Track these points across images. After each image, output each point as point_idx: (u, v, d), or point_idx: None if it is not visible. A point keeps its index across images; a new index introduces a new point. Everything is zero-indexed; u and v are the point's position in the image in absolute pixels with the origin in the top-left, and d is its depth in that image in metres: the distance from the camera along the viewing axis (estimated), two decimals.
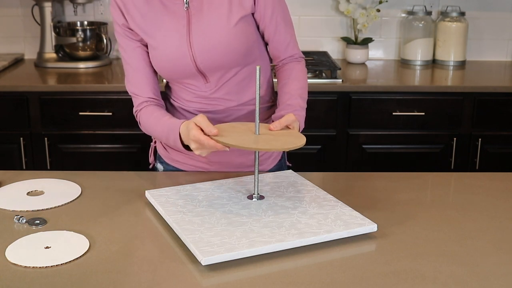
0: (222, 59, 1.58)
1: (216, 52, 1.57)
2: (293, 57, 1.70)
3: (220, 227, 1.29)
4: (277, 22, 1.64)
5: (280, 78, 1.69)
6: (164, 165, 1.78)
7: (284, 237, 1.25)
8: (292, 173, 1.60)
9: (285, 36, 1.67)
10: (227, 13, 1.56)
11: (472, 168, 2.86)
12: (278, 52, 1.69)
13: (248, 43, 1.60)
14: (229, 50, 1.57)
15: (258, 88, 1.36)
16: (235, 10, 1.57)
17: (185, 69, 1.59)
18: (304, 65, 1.72)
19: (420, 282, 1.13)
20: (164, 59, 1.59)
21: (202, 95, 1.64)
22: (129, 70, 1.64)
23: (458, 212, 1.44)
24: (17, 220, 1.37)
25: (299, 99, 1.61)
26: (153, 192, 1.47)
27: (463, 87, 2.83)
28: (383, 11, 3.22)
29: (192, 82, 1.63)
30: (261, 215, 1.35)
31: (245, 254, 1.20)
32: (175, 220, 1.32)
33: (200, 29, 1.56)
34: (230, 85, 1.63)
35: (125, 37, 1.62)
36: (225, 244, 1.22)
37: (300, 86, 1.65)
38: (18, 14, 3.24)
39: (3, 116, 2.75)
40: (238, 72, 1.62)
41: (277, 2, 1.63)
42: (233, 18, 1.56)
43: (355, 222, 1.32)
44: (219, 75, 1.61)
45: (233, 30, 1.56)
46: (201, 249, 1.19)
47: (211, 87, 1.63)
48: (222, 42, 1.56)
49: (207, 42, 1.56)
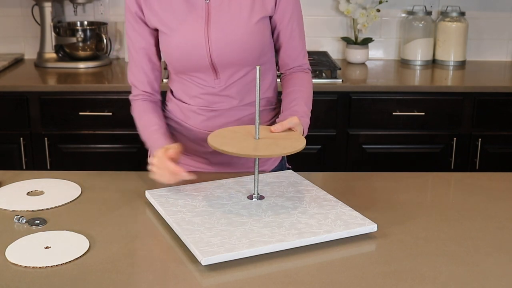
0: (237, 55, 1.58)
1: (233, 48, 1.57)
2: (301, 67, 1.71)
3: (220, 227, 1.29)
4: (293, 28, 1.65)
5: (287, 85, 1.69)
6: None
7: (284, 237, 1.25)
8: (292, 173, 1.60)
9: (298, 44, 1.68)
10: (249, 11, 1.58)
11: (472, 168, 2.86)
12: (288, 60, 1.70)
13: (264, 43, 1.62)
14: (246, 47, 1.58)
15: (258, 89, 1.36)
16: (257, 9, 1.58)
17: (198, 60, 1.59)
18: (311, 77, 1.73)
19: (420, 282, 1.13)
20: (179, 47, 1.58)
21: (209, 91, 1.63)
22: (131, 62, 1.67)
23: (458, 212, 1.44)
24: (17, 220, 1.37)
25: (305, 107, 1.62)
26: (153, 192, 1.47)
27: (463, 87, 2.83)
28: (383, 11, 3.22)
29: (201, 76, 1.62)
30: (261, 215, 1.35)
31: (245, 254, 1.20)
32: (175, 220, 1.32)
33: (220, 22, 1.57)
34: (239, 85, 1.63)
35: (134, 29, 1.62)
36: (225, 244, 1.22)
37: (306, 95, 1.66)
38: (18, 14, 3.24)
39: (3, 116, 2.75)
40: (249, 72, 1.62)
41: (296, 9, 1.66)
42: (255, 17, 1.58)
43: (355, 222, 1.32)
44: (231, 72, 1.61)
45: (253, 29, 1.57)
46: (201, 249, 1.19)
47: (220, 84, 1.62)
48: (241, 38, 1.57)
49: (225, 37, 1.57)
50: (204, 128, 1.66)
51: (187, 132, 1.69)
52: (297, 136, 1.44)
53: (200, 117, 1.66)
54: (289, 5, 1.63)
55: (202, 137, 1.66)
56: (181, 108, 1.69)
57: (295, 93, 1.64)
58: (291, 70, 1.71)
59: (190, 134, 1.69)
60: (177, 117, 1.70)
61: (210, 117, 1.65)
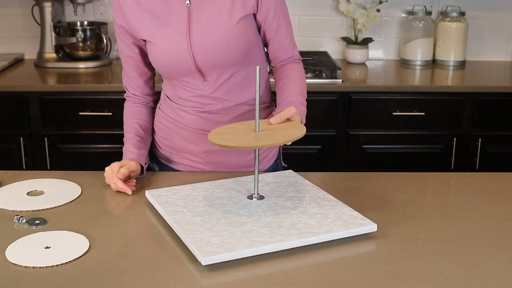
0: (221, 57, 1.58)
1: (216, 50, 1.57)
2: (292, 59, 1.71)
3: (220, 227, 1.29)
4: (279, 23, 1.64)
5: (279, 78, 1.69)
6: (160, 165, 1.78)
7: (284, 237, 1.25)
8: (292, 173, 1.60)
9: (285, 37, 1.68)
10: (229, 12, 1.57)
11: (472, 168, 2.86)
12: (277, 53, 1.69)
13: (248, 43, 1.60)
14: (229, 48, 1.57)
15: (258, 87, 1.36)
16: (237, 9, 1.57)
17: (183, 65, 1.59)
18: (302, 66, 1.73)
19: (420, 282, 1.13)
20: (163, 55, 1.60)
21: (200, 94, 1.64)
22: (124, 68, 1.75)
23: (458, 212, 1.44)
24: (17, 220, 1.37)
25: (299, 96, 1.62)
26: (153, 192, 1.47)
27: (463, 87, 2.83)
28: (383, 11, 3.22)
29: (189, 80, 1.63)
30: (261, 215, 1.35)
31: (245, 254, 1.20)
32: (175, 220, 1.32)
33: (201, 26, 1.57)
34: (229, 85, 1.63)
35: (122, 42, 1.69)
36: (225, 244, 1.22)
37: (300, 85, 1.66)
38: (18, 14, 3.24)
39: (3, 116, 2.75)
40: (236, 72, 1.62)
41: (279, 4, 1.64)
42: (235, 17, 1.57)
43: (355, 222, 1.32)
44: (218, 73, 1.61)
45: (234, 29, 1.57)
46: (201, 249, 1.19)
47: (209, 86, 1.63)
48: (223, 40, 1.56)
49: (207, 39, 1.57)
50: (199, 127, 1.66)
51: (182, 132, 1.69)
52: (296, 125, 1.44)
53: (194, 117, 1.66)
54: (271, 0, 1.62)
55: (196, 136, 1.67)
56: (174, 109, 1.69)
57: (289, 84, 1.65)
58: (282, 63, 1.71)
59: (185, 133, 1.69)
60: (171, 117, 1.70)
61: (204, 117, 1.66)
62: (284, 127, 1.43)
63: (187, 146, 1.70)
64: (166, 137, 1.72)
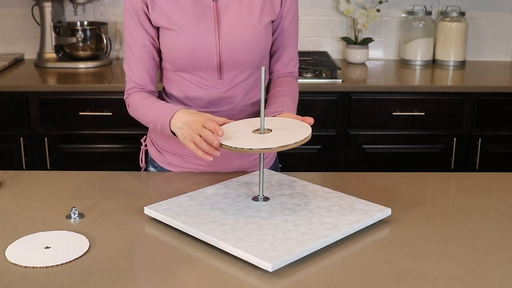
0: (245, 57, 1.59)
1: (243, 50, 1.58)
2: (291, 74, 1.73)
3: (257, 232, 1.24)
4: (290, 34, 1.68)
5: (273, 86, 1.70)
6: (158, 169, 1.75)
7: (327, 232, 1.25)
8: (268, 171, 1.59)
9: (292, 50, 1.71)
10: (260, 14, 1.59)
11: (472, 168, 2.86)
12: (280, 66, 1.71)
13: (268, 46, 1.64)
14: (256, 49, 1.60)
15: (263, 88, 1.34)
16: (267, 12, 1.60)
17: (206, 59, 1.58)
18: (298, 83, 1.74)
19: (420, 282, 1.13)
20: (188, 45, 1.57)
21: (210, 92, 1.62)
22: (130, 56, 1.62)
23: (458, 212, 1.44)
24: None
25: (291, 103, 1.63)
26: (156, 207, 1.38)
27: (463, 87, 2.83)
28: (383, 11, 3.22)
29: (204, 75, 1.61)
30: (282, 214, 1.32)
31: (309, 251, 1.19)
32: (205, 231, 1.24)
33: (231, 23, 1.57)
34: (242, 86, 1.64)
35: (138, 26, 1.58)
36: (277, 247, 1.18)
37: (293, 92, 1.67)
38: (18, 14, 3.24)
39: (3, 116, 2.75)
40: (251, 74, 1.64)
41: (296, 16, 1.68)
42: (264, 20, 1.60)
43: (372, 209, 1.35)
44: (236, 73, 1.61)
45: (262, 31, 1.60)
46: (261, 255, 1.15)
47: (224, 85, 1.62)
48: (252, 40, 1.58)
49: (237, 37, 1.57)
50: None
51: None
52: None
53: None
54: (291, 9, 1.65)
55: None
56: None
57: (282, 92, 1.65)
58: (280, 75, 1.72)
59: None
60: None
61: None
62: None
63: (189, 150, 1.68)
64: (168, 142, 1.70)
